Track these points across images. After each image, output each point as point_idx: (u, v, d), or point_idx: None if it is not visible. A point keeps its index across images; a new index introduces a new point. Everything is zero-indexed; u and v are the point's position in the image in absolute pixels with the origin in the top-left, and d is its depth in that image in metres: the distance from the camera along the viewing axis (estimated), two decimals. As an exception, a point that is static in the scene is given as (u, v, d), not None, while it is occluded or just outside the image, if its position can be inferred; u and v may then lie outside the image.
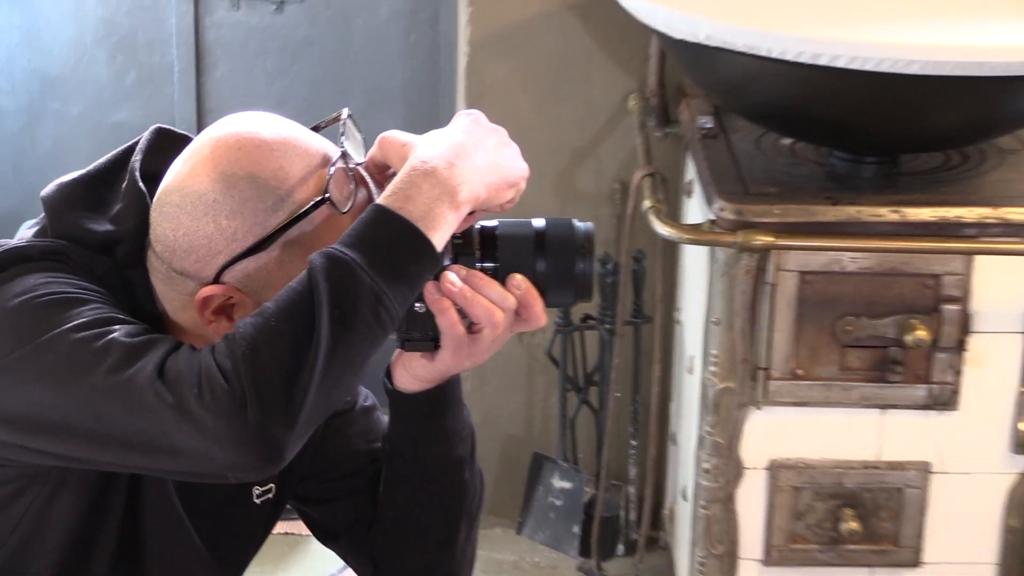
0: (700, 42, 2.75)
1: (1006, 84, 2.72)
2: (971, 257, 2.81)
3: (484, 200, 1.69)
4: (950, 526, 2.97)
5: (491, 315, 1.70)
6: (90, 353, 1.57)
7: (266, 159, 1.71)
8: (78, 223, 1.76)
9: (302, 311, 1.55)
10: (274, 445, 1.54)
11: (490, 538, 3.59)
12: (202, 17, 3.74)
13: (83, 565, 1.83)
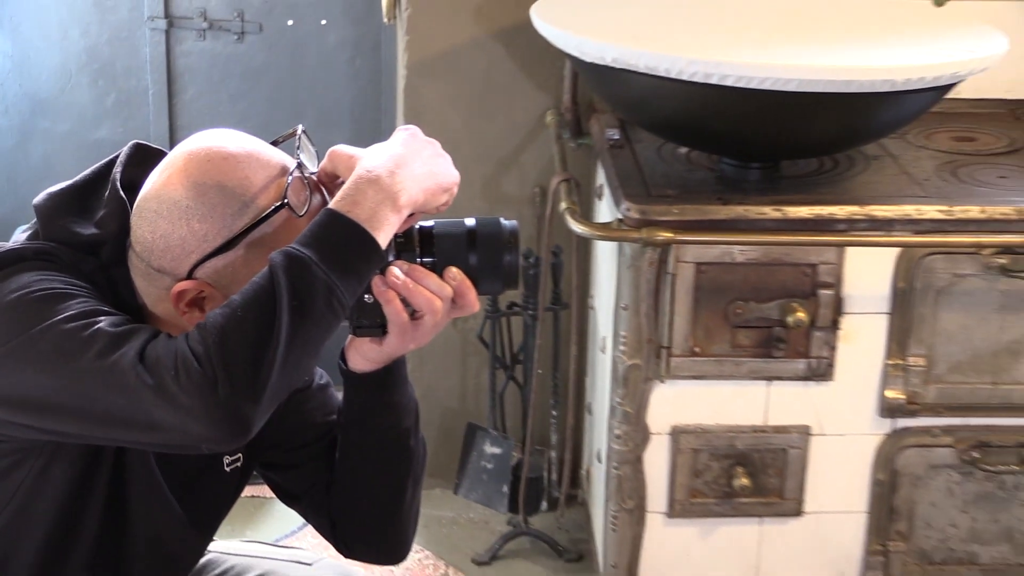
0: (607, 64, 2.76)
1: (871, 99, 2.74)
2: (843, 249, 2.84)
3: (422, 204, 1.71)
4: (827, 480, 3.00)
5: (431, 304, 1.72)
6: (78, 341, 1.59)
7: (232, 170, 1.73)
8: (66, 227, 1.78)
9: (265, 303, 1.57)
10: (242, 420, 1.56)
11: (430, 497, 3.60)
12: (173, 47, 3.73)
13: (74, 529, 1.85)
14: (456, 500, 3.59)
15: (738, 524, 3.04)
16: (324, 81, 3.86)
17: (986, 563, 3.08)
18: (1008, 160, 3.15)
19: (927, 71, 2.73)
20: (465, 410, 3.64)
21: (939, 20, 3.18)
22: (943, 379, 2.95)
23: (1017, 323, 2.94)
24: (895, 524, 3.03)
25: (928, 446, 2.99)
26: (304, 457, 2.07)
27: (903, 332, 2.92)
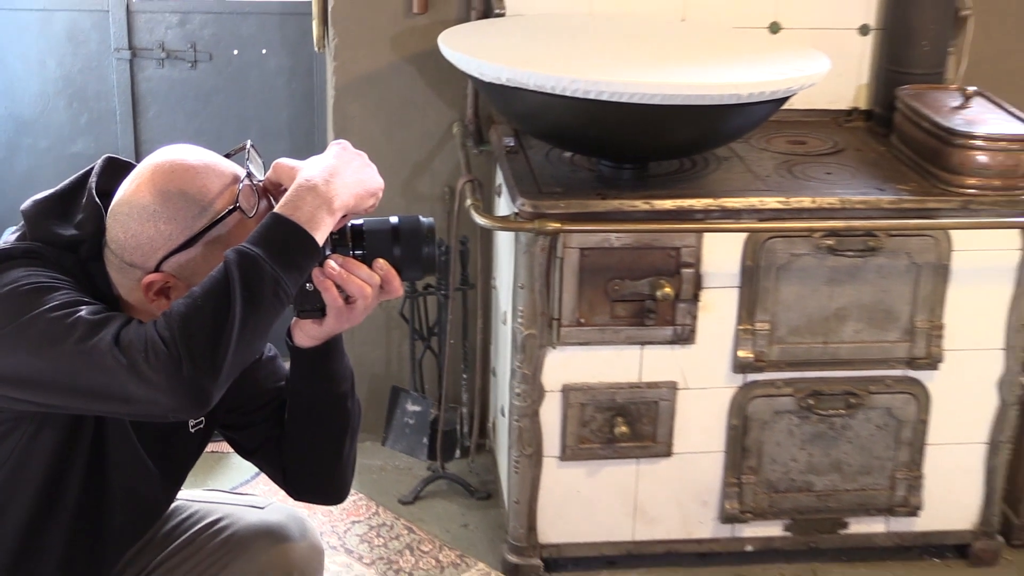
0: (503, 83, 2.78)
1: (721, 110, 2.78)
2: (701, 234, 2.88)
3: (353, 207, 1.75)
4: (691, 426, 3.03)
5: (362, 290, 1.76)
6: (63, 328, 1.62)
7: (192, 179, 1.76)
8: (50, 229, 1.80)
9: (221, 293, 1.60)
10: (203, 393, 1.60)
11: (362, 449, 3.57)
12: (136, 74, 3.70)
13: (61, 484, 1.87)
14: (384, 451, 3.59)
15: (619, 465, 3.05)
16: (265, 101, 3.83)
17: (820, 490, 3.12)
18: (833, 159, 3.19)
19: (766, 87, 2.78)
20: (390, 375, 3.63)
21: (775, 45, 3.25)
22: (784, 340, 2.99)
23: (843, 293, 2.98)
24: (747, 460, 3.07)
25: (773, 396, 3.03)
26: (258, 418, 2.09)
27: (751, 302, 2.96)
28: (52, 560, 1.94)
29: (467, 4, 3.31)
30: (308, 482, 2.11)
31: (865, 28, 3.43)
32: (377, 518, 3.29)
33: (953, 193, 2.96)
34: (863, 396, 3.06)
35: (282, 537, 2.16)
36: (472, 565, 3.12)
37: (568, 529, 3.09)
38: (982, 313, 3.05)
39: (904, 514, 3.17)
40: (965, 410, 3.12)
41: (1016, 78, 3.54)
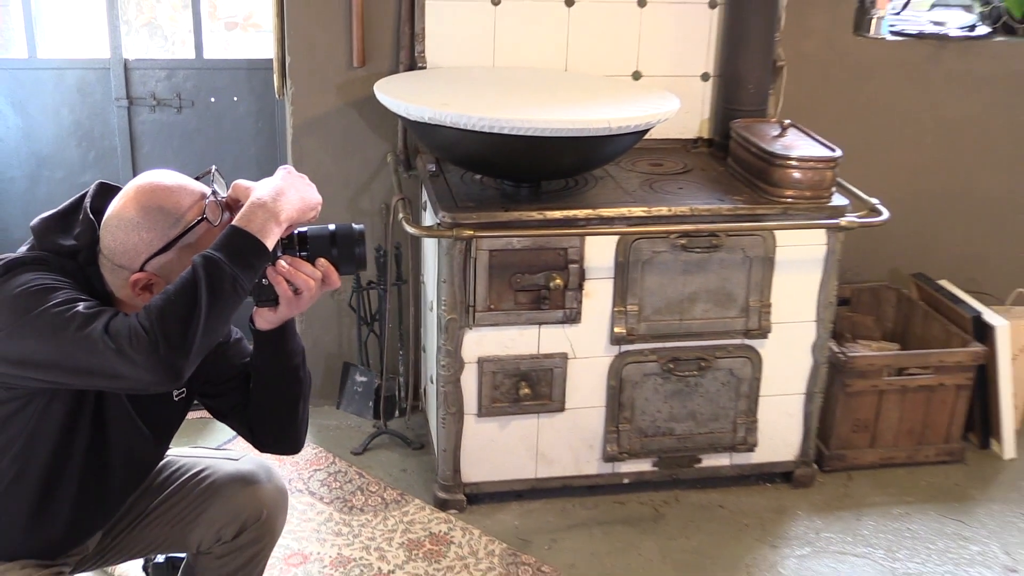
0: (425, 121, 2.80)
1: (597, 140, 2.82)
2: (583, 237, 2.91)
3: (296, 219, 1.83)
4: (579, 387, 3.06)
5: (307, 283, 1.85)
6: (63, 319, 1.68)
7: (168, 197, 1.83)
8: (54, 240, 1.85)
9: (190, 289, 1.68)
10: (176, 369, 1.67)
11: (320, 413, 3.58)
12: (133, 118, 3.66)
13: (69, 447, 1.90)
14: (338, 413, 3.57)
15: (523, 419, 3.07)
16: (237, 139, 3.80)
17: (679, 434, 3.17)
18: (684, 177, 3.20)
19: (631, 121, 2.81)
20: (342, 354, 3.62)
21: (637, 90, 3.27)
22: (649, 319, 3.02)
23: (693, 281, 3.01)
24: (623, 412, 3.10)
25: (641, 362, 3.06)
26: (228, 388, 2.13)
27: (623, 290, 2.98)
28: (65, 509, 1.97)
29: (396, 59, 3.33)
30: (271, 438, 2.14)
31: (706, 75, 3.48)
32: (334, 466, 3.30)
33: (775, 202, 3.01)
34: (711, 360, 3.11)
35: (253, 481, 2.20)
36: (410, 501, 3.13)
37: (485, 470, 3.11)
38: (799, 294, 3.11)
39: (743, 450, 3.23)
40: (788, 369, 3.18)
41: (819, 113, 3.60)
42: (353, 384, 3.59)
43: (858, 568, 2.96)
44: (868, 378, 3.34)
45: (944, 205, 3.90)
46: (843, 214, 3.03)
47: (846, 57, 3.66)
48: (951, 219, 3.92)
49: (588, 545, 2.99)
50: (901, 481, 3.39)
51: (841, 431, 3.38)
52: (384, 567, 2.86)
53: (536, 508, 3.14)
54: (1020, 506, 3.28)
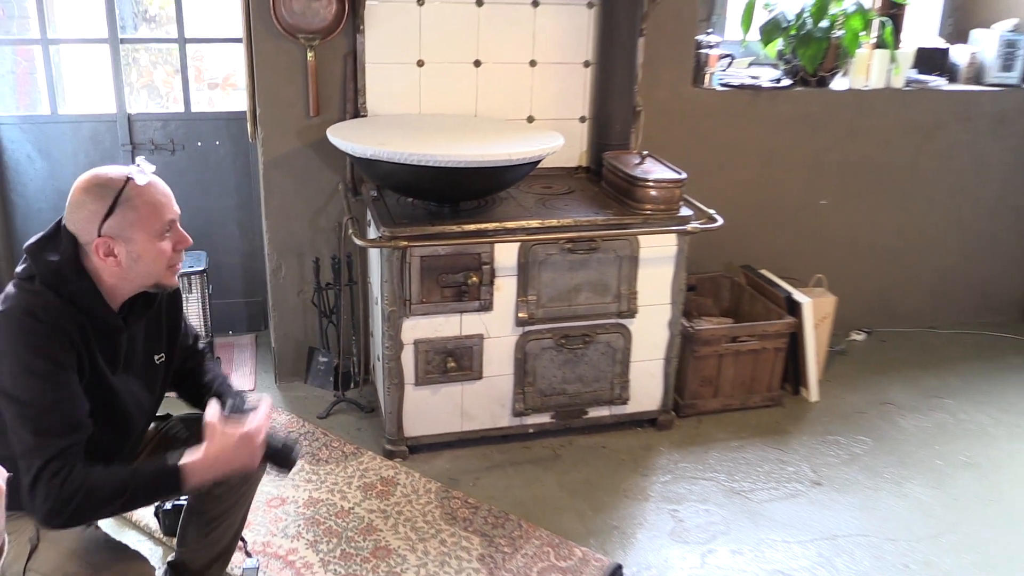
0: (368, 157, 2.79)
1: (501, 170, 2.85)
2: (493, 244, 2.91)
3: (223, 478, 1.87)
4: (493, 360, 3.06)
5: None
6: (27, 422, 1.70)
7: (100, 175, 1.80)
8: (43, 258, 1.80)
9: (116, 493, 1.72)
10: (54, 527, 1.70)
11: (292, 387, 3.54)
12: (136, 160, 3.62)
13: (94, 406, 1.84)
14: (306, 387, 3.54)
15: (450, 386, 3.06)
16: (220, 174, 3.75)
17: (570, 393, 3.18)
18: (568, 197, 3.20)
19: (527, 155, 2.85)
20: (307, 340, 3.57)
21: (531, 130, 3.28)
22: (545, 305, 3.04)
23: (577, 276, 3.03)
24: (527, 378, 3.11)
25: (540, 339, 3.08)
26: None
27: (524, 284, 3.00)
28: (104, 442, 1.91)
29: (343, 109, 3.31)
30: None
31: (583, 118, 3.51)
32: (304, 428, 3.27)
33: (638, 214, 3.05)
34: (592, 336, 3.13)
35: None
36: (365, 453, 3.11)
37: (422, 426, 3.10)
38: (657, 283, 3.15)
39: (619, 404, 3.26)
40: (651, 340, 3.22)
41: (669, 146, 3.64)
42: (317, 364, 3.56)
43: (707, 488, 3.03)
44: (711, 345, 3.39)
45: (763, 213, 3.98)
46: (689, 222, 3.08)
47: (687, 103, 3.72)
48: (768, 223, 4.00)
49: (503, 481, 3.01)
50: (737, 422, 3.45)
51: (692, 386, 3.43)
52: (346, 505, 2.85)
53: (462, 454, 3.14)
54: (823, 437, 3.37)
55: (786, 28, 3.81)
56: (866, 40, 3.88)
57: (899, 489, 3.07)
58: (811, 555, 2.72)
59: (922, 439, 3.39)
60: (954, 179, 4.16)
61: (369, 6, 3.18)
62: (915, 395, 3.71)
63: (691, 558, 2.68)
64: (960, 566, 2.70)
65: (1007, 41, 4.06)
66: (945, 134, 4.07)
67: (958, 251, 4.30)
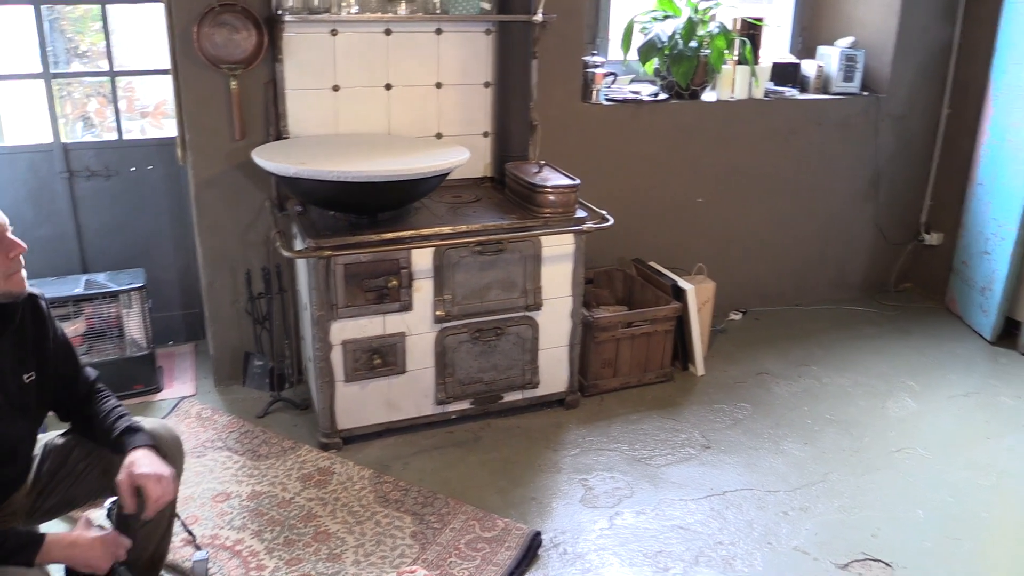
0: (291, 176, 2.74)
1: (414, 182, 2.81)
2: (410, 250, 2.87)
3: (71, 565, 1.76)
4: (415, 355, 3.02)
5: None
6: None
7: None
8: None
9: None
10: None
11: (231, 390, 3.44)
12: (74, 186, 3.41)
13: None
14: (244, 389, 3.44)
15: (377, 381, 3.00)
16: (153, 197, 3.61)
17: (487, 381, 3.16)
18: (476, 204, 3.19)
19: (437, 168, 2.82)
20: (243, 346, 3.48)
21: (440, 145, 3.25)
22: (460, 303, 3.01)
23: (488, 275, 3.01)
24: (447, 369, 3.08)
25: (456, 334, 3.05)
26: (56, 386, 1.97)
27: (440, 285, 2.96)
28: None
29: (267, 132, 3.22)
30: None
31: (486, 133, 3.49)
32: (244, 428, 3.17)
33: (539, 217, 3.05)
34: (503, 328, 3.12)
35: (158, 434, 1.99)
36: (302, 447, 3.03)
37: (353, 419, 3.04)
38: (559, 278, 3.15)
39: (530, 388, 3.26)
40: (555, 329, 3.22)
41: (564, 155, 3.65)
42: (253, 367, 3.46)
43: (611, 458, 3.04)
44: (608, 331, 3.41)
45: (649, 211, 4.01)
46: (584, 222, 3.09)
47: (578, 117, 3.73)
48: (654, 220, 4.04)
49: (430, 463, 2.97)
50: (635, 397, 3.47)
51: (594, 368, 3.44)
52: (286, 495, 2.77)
53: (392, 442, 3.09)
54: (710, 406, 3.42)
55: (661, 48, 3.85)
56: (730, 57, 3.95)
57: (776, 447, 3.13)
58: (704, 510, 2.75)
59: (793, 402, 3.47)
60: (810, 176, 4.28)
61: (286, 37, 3.11)
62: (786, 364, 3.80)
63: (601, 521, 2.69)
64: (830, 509, 2.77)
65: (847, 56, 4.20)
66: (800, 137, 4.18)
67: (815, 238, 4.43)
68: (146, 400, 3.33)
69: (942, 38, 4.29)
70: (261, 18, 3.07)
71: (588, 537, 2.61)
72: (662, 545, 2.58)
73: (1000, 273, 3.95)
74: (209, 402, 3.35)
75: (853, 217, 4.46)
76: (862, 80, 4.29)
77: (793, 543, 2.60)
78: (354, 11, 3.12)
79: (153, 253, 3.69)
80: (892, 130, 4.35)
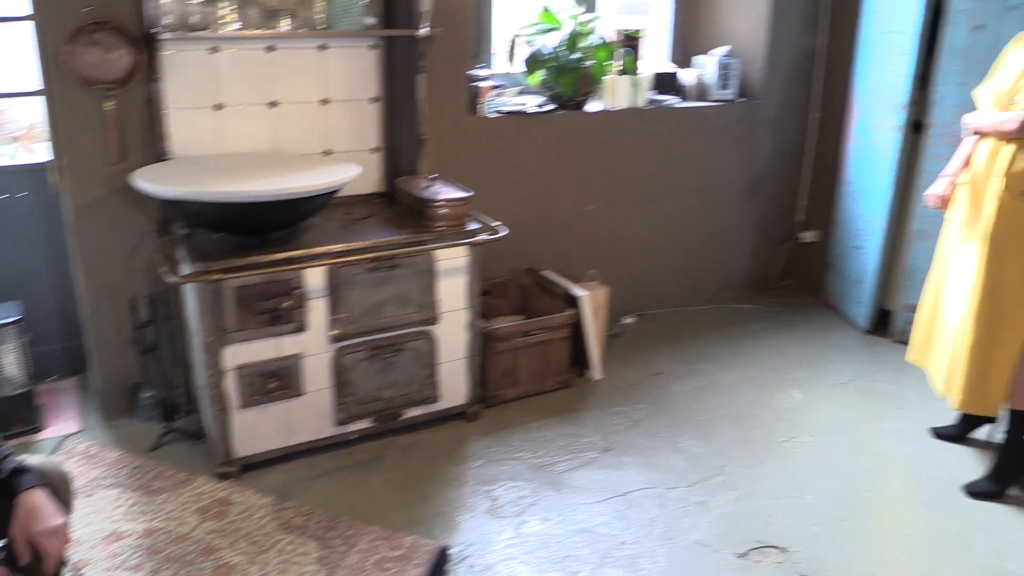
0: (175, 198, 2.68)
1: (303, 200, 2.78)
2: (302, 270, 2.84)
3: None
4: (312, 376, 2.98)
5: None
6: None
7: None
8: None
9: None
10: None
11: (120, 424, 3.28)
12: None
13: None
14: (134, 423, 3.30)
15: (275, 404, 2.95)
16: (28, 224, 3.43)
17: (386, 398, 3.14)
18: (369, 221, 3.15)
19: (326, 185, 2.80)
20: (131, 377, 3.33)
21: (328, 162, 3.19)
22: (356, 321, 2.99)
23: (383, 291, 3.00)
24: (346, 389, 3.05)
25: (354, 352, 3.02)
26: None
27: (335, 303, 2.94)
28: None
29: (148, 153, 3.12)
30: None
31: (376, 148, 3.48)
32: (135, 462, 3.04)
33: (432, 231, 3.06)
34: (401, 344, 3.11)
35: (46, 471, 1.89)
36: (198, 478, 2.94)
37: (250, 446, 2.97)
38: (455, 291, 3.16)
39: (431, 402, 3.25)
40: (453, 343, 3.23)
41: (454, 168, 3.66)
42: (142, 399, 3.32)
43: (515, 466, 3.07)
44: (507, 341, 3.44)
45: (541, 221, 4.07)
46: (477, 235, 3.11)
47: (467, 130, 3.75)
48: (546, 230, 4.10)
49: (332, 486, 2.93)
50: (535, 405, 3.51)
51: (493, 378, 3.46)
52: (183, 530, 2.68)
53: (292, 467, 3.03)
54: (608, 409, 3.50)
55: (545, 60, 3.92)
56: (612, 68, 4.06)
57: (673, 445, 3.23)
58: (608, 511, 2.81)
59: (688, 400, 3.59)
60: (693, 181, 4.43)
61: (165, 56, 3.03)
62: (679, 364, 3.92)
63: (507, 531, 2.71)
64: (727, 501, 2.88)
65: (723, 64, 4.38)
66: (682, 144, 4.33)
67: (702, 240, 4.59)
68: (27, 440, 3.16)
69: (808, 46, 4.52)
70: (137, 36, 2.98)
71: (495, 548, 2.63)
72: (568, 550, 2.62)
73: (871, 266, 4.19)
74: (96, 438, 3.20)
75: (736, 218, 4.65)
76: (738, 87, 4.48)
77: (694, 537, 2.69)
78: (235, 28, 3.06)
79: (29, 284, 3.51)
80: (768, 134, 4.56)
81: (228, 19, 3.05)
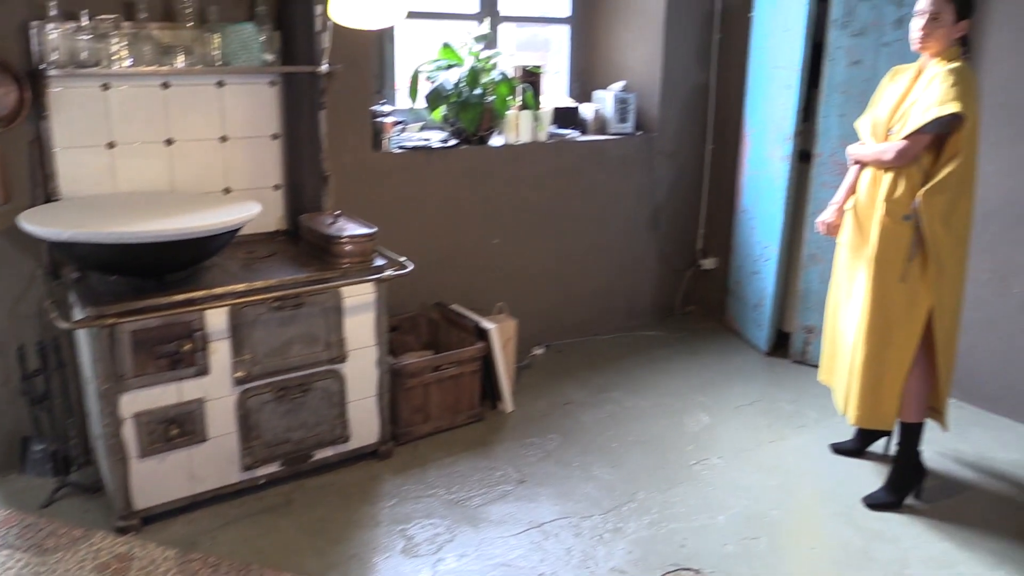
0: (65, 240, 2.57)
1: (202, 240, 2.71)
2: (203, 311, 2.77)
3: None
4: (216, 421, 2.89)
5: None
6: None
7: None
8: None
9: None
10: None
11: (8, 480, 3.08)
12: None
13: None
14: (24, 478, 3.10)
15: (177, 452, 2.84)
16: None
17: (295, 439, 3.08)
18: (272, 259, 3.10)
19: (225, 223, 2.74)
20: (20, 430, 3.14)
21: (228, 201, 3.13)
22: (260, 362, 2.93)
23: (289, 330, 2.95)
24: (252, 432, 2.97)
25: (259, 394, 2.96)
26: None
27: (238, 345, 2.87)
28: None
29: (34, 194, 2.99)
30: None
31: (277, 186, 3.44)
32: (25, 521, 2.87)
33: (337, 268, 3.03)
34: (309, 384, 3.06)
35: None
36: (95, 534, 2.79)
37: (152, 497, 2.85)
38: (362, 328, 3.14)
39: (341, 442, 3.20)
40: (363, 380, 3.19)
41: (359, 204, 3.64)
42: (32, 453, 3.15)
43: (430, 504, 3.04)
44: (417, 376, 3.42)
45: (447, 255, 4.08)
46: (383, 270, 3.10)
47: (371, 166, 3.74)
48: (452, 264, 4.11)
49: (241, 534, 2.83)
50: (448, 441, 3.49)
51: (405, 415, 3.44)
52: (79, 589, 2.54)
53: (197, 516, 2.92)
54: (521, 441, 3.51)
55: (447, 96, 3.96)
56: (513, 103, 4.13)
57: (587, 473, 3.26)
58: (525, 544, 2.81)
59: (599, 428, 3.63)
60: (597, 212, 4.53)
61: (52, 93, 2.92)
62: (589, 392, 3.97)
63: (424, 570, 2.67)
64: (641, 526, 2.91)
65: (620, 99, 4.51)
66: (584, 176, 4.43)
67: (606, 270, 4.68)
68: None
69: (701, 81, 4.71)
70: (22, 73, 2.87)
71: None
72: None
73: (769, 290, 4.36)
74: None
75: (638, 248, 4.76)
76: (636, 121, 4.62)
77: (610, 564, 2.71)
78: (127, 64, 2.98)
79: (-99, 336, 3.30)
80: (666, 166, 4.71)
81: (120, 55, 2.97)
